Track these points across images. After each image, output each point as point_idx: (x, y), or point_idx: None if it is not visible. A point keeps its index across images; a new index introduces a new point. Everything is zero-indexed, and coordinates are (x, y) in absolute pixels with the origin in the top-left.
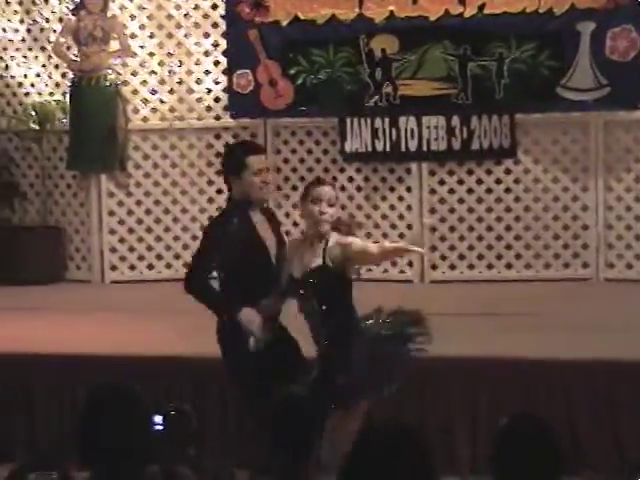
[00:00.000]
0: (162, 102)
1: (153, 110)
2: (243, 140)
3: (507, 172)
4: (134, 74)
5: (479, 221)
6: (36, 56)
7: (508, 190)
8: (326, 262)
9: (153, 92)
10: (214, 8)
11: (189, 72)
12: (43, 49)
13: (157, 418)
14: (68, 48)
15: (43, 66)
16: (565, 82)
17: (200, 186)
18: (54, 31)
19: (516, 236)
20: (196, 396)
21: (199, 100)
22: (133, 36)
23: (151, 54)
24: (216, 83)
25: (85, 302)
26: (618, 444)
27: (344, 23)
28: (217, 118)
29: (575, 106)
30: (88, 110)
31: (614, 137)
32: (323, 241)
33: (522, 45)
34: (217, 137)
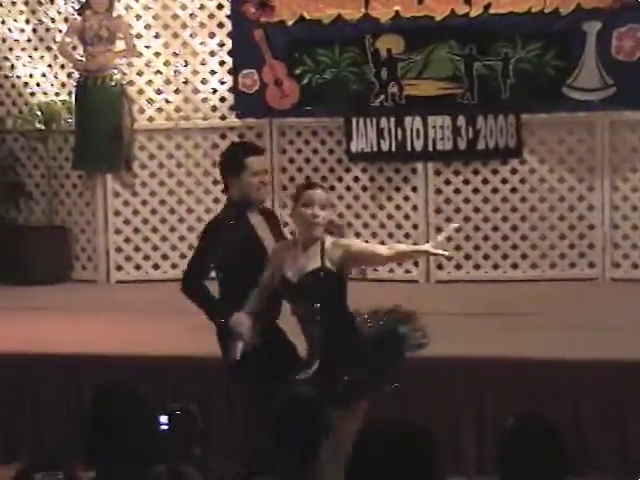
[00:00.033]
0: (168, 102)
1: (159, 110)
2: (242, 141)
3: (513, 172)
4: (140, 74)
5: (485, 221)
6: (42, 56)
7: (514, 190)
8: (325, 264)
9: (159, 92)
10: (220, 8)
11: (195, 72)
12: (49, 49)
13: (163, 418)
14: (74, 48)
15: (49, 66)
16: (571, 82)
17: (206, 186)
18: (60, 31)
19: (522, 236)
20: (202, 396)
21: (205, 100)
22: (139, 36)
23: (157, 54)
24: (222, 83)
25: (91, 302)
26: (624, 445)
27: (350, 23)
28: (223, 118)
29: (581, 106)
30: (94, 110)
31: (620, 137)
32: (318, 244)
33: (528, 45)
34: (223, 137)
